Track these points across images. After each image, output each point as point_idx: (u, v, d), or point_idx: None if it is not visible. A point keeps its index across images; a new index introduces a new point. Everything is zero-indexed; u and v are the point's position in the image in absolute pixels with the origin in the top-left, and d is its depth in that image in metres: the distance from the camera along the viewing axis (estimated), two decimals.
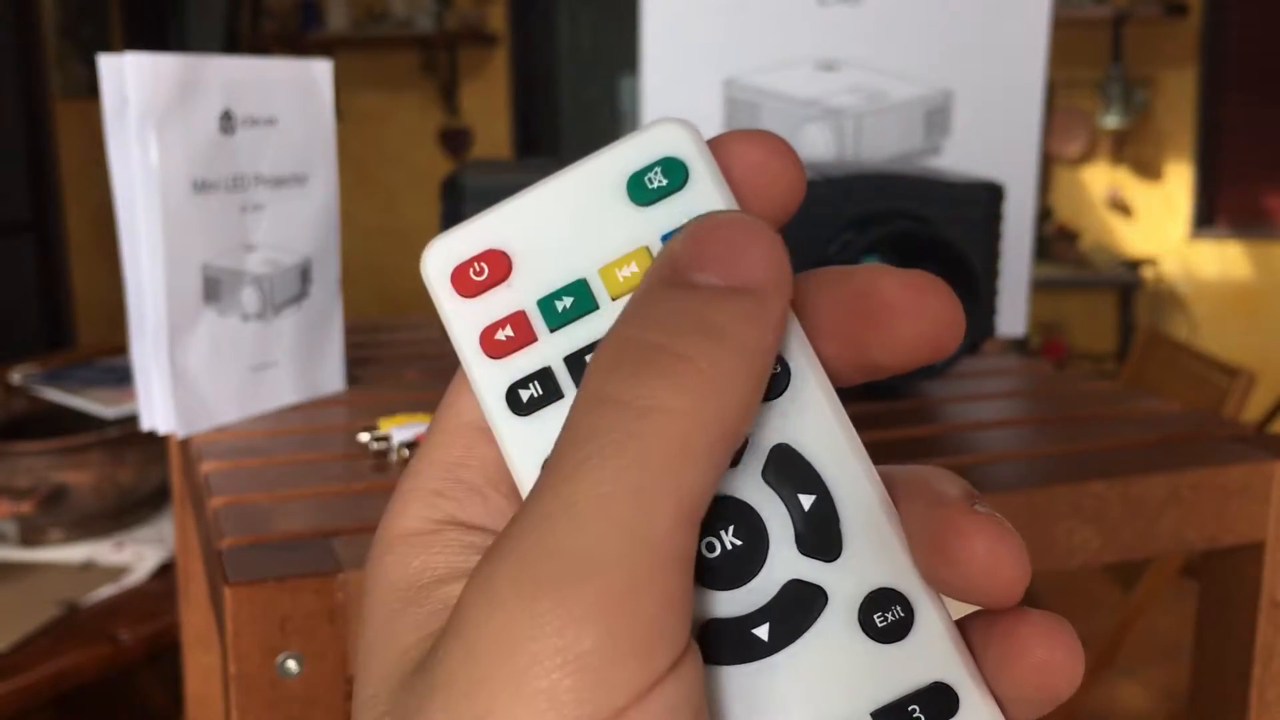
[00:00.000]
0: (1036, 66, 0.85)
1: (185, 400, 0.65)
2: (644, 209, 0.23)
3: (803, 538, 0.22)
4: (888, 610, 0.21)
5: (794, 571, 0.21)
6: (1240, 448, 0.63)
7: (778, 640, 0.21)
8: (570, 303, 0.23)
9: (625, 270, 0.23)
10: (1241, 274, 3.70)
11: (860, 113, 0.84)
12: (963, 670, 0.21)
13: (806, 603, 0.21)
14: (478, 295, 0.23)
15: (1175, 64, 3.68)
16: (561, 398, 0.22)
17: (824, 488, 0.22)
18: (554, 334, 0.23)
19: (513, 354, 0.23)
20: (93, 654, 1.14)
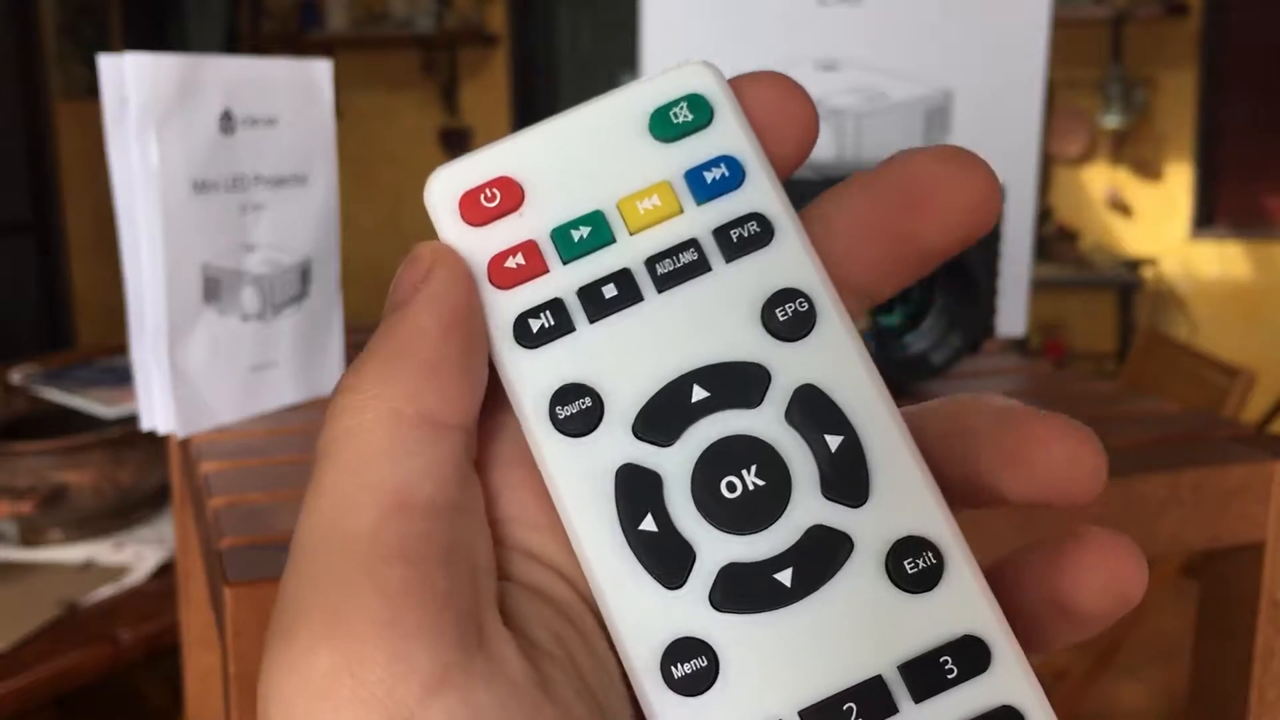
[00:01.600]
0: (1036, 66, 0.85)
1: (185, 400, 0.65)
2: (666, 145, 0.22)
3: (828, 481, 0.21)
4: (918, 557, 0.20)
5: (818, 517, 0.20)
6: (1240, 448, 0.63)
7: (801, 586, 0.20)
8: (587, 233, 0.22)
9: (646, 203, 0.22)
10: (1241, 274, 3.70)
11: (860, 113, 0.84)
12: (995, 623, 0.20)
13: (831, 549, 0.20)
14: (487, 223, 0.22)
15: (1175, 64, 3.67)
16: (573, 331, 0.21)
17: (851, 429, 0.21)
18: (567, 266, 0.22)
19: (522, 284, 0.22)
20: (93, 654, 1.14)
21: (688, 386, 0.21)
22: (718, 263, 0.22)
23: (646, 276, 0.22)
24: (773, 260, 0.22)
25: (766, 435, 0.21)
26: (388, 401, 0.20)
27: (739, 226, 0.22)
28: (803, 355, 0.21)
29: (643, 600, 0.20)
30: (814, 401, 0.21)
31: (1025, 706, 0.20)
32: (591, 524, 0.21)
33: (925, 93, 0.85)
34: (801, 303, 0.21)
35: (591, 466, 0.21)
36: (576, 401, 0.21)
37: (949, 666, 0.20)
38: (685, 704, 0.20)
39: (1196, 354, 2.20)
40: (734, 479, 0.21)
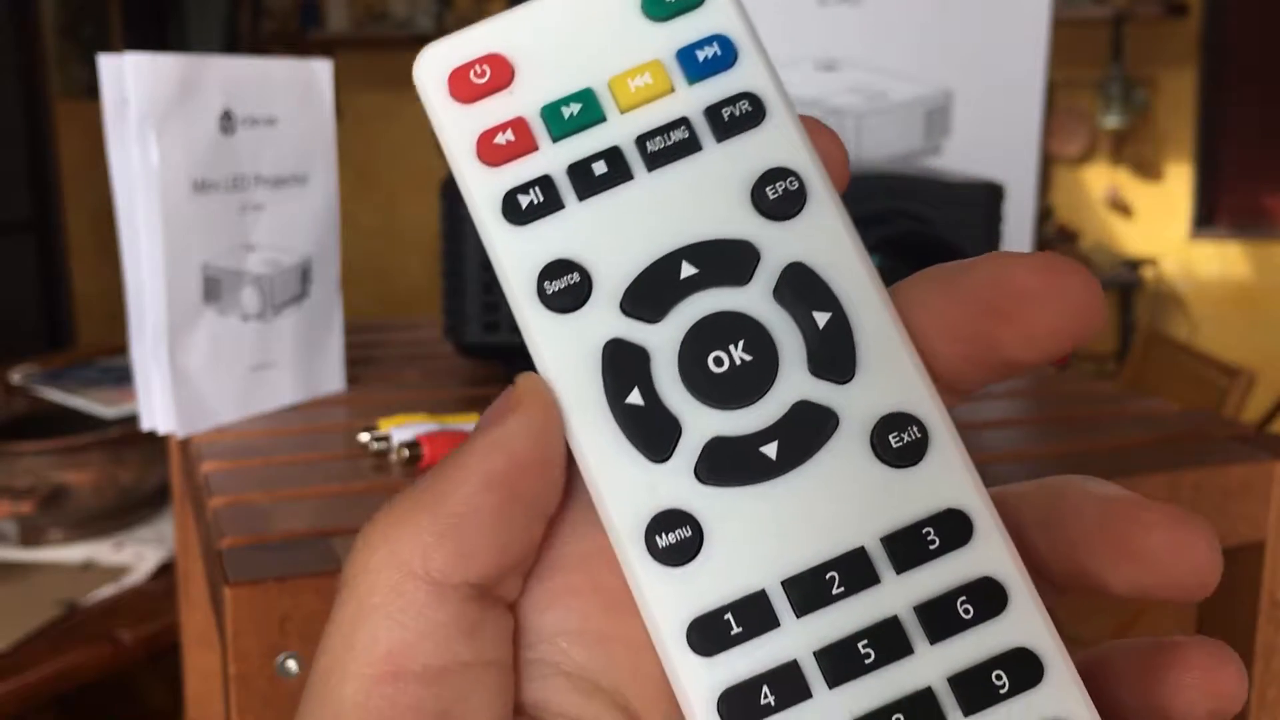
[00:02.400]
0: (1036, 66, 0.85)
1: (185, 400, 0.65)
2: (659, 24, 0.22)
3: (816, 357, 0.21)
4: (903, 432, 0.20)
5: (805, 393, 0.21)
6: (1240, 448, 0.63)
7: (786, 460, 0.20)
8: (577, 110, 0.22)
9: (637, 81, 0.22)
10: (1241, 274, 3.70)
11: (860, 113, 0.84)
12: (977, 497, 0.20)
13: (817, 423, 0.20)
14: (476, 100, 0.22)
15: (1175, 64, 3.67)
16: (562, 208, 0.21)
17: (839, 306, 0.21)
18: (557, 144, 0.22)
19: (512, 161, 0.22)
20: (93, 654, 1.14)
21: (676, 263, 0.21)
22: (708, 142, 0.22)
23: (637, 155, 0.22)
24: (764, 140, 0.22)
25: (755, 312, 0.21)
26: (396, 554, 0.20)
27: (730, 105, 0.22)
28: (792, 234, 0.21)
29: (629, 473, 0.21)
30: (802, 279, 0.21)
31: (1005, 578, 0.20)
32: (578, 399, 0.21)
33: (925, 93, 0.85)
34: (792, 181, 0.21)
35: (579, 342, 0.21)
36: (565, 277, 0.21)
37: (931, 538, 0.20)
38: (669, 574, 0.20)
39: (1196, 354, 2.20)
40: (721, 354, 0.21)
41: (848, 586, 0.20)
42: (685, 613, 0.20)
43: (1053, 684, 0.19)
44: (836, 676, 0.19)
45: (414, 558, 0.19)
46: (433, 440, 0.60)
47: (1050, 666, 0.19)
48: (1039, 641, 0.20)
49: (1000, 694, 0.19)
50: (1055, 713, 0.19)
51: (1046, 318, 0.20)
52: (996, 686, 0.19)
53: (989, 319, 0.20)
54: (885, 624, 0.20)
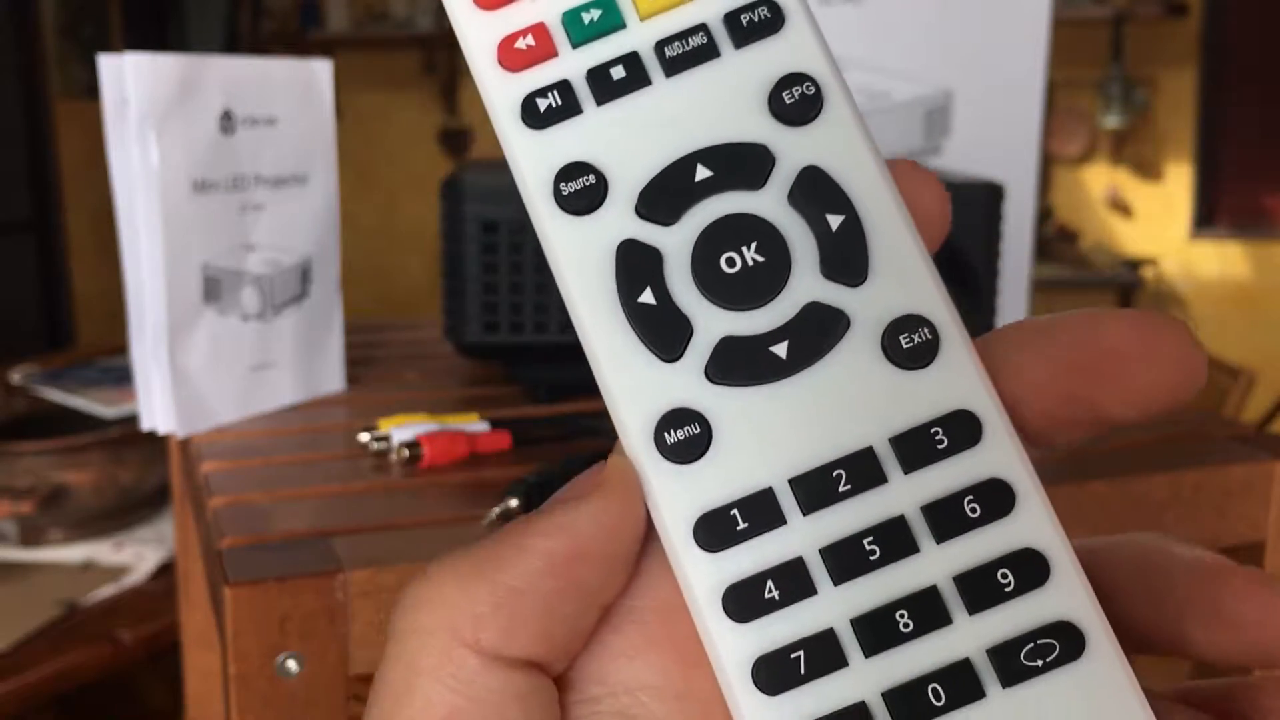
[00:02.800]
0: (1036, 66, 0.85)
1: (185, 400, 0.65)
2: None
3: (828, 259, 0.21)
4: (914, 333, 0.20)
5: (816, 294, 0.21)
6: (1240, 448, 0.63)
7: (796, 360, 0.20)
8: (598, 15, 0.22)
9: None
10: (1241, 274, 3.70)
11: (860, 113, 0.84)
12: (988, 400, 0.20)
13: (828, 325, 0.20)
14: (499, 8, 0.22)
15: (1175, 64, 3.67)
16: (580, 113, 0.21)
17: (852, 209, 0.21)
18: (577, 50, 0.22)
19: (532, 66, 0.22)
20: (93, 654, 1.14)
21: (691, 166, 0.21)
22: (726, 48, 0.22)
23: (655, 60, 0.22)
24: (782, 46, 0.22)
25: (768, 214, 0.21)
26: (449, 619, 0.19)
27: (749, 11, 0.22)
28: (808, 139, 0.21)
29: (640, 372, 0.21)
30: (817, 182, 0.21)
31: (1014, 479, 0.20)
32: (591, 298, 0.21)
33: (925, 93, 0.85)
34: (809, 86, 0.21)
35: (594, 242, 0.21)
36: (580, 179, 0.21)
37: (940, 438, 0.20)
38: (678, 471, 0.20)
39: None
40: (734, 254, 0.21)
41: (854, 485, 0.20)
42: (693, 509, 0.20)
43: (1059, 585, 0.19)
44: (841, 574, 0.19)
45: (465, 626, 0.19)
46: (433, 440, 0.60)
47: (1057, 567, 0.19)
48: (1047, 543, 0.20)
49: (1005, 593, 0.19)
50: (1060, 614, 0.19)
51: (1146, 378, 0.20)
52: (1002, 585, 0.19)
53: (1086, 380, 0.20)
54: (891, 523, 0.20)
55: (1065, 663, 0.19)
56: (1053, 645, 0.19)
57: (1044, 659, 0.19)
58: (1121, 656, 0.19)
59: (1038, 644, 0.19)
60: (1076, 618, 0.19)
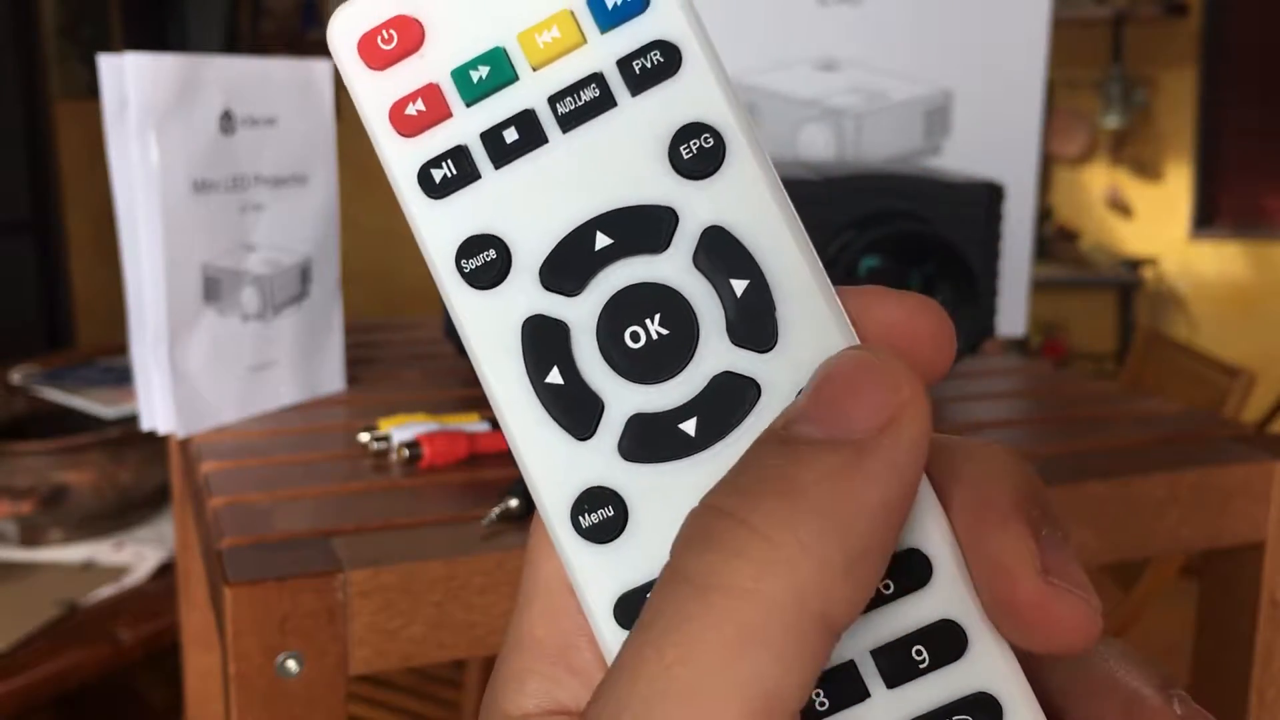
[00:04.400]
0: (1036, 66, 0.85)
1: (185, 400, 0.65)
2: None
3: (735, 327, 0.20)
4: None
5: (725, 364, 0.20)
6: (1240, 448, 0.63)
7: (706, 436, 0.20)
8: (486, 73, 0.21)
9: (546, 36, 0.21)
10: (1241, 274, 3.70)
11: (860, 113, 0.84)
12: None
13: (737, 396, 0.20)
14: (387, 67, 0.21)
15: (1175, 64, 3.67)
16: (478, 178, 0.21)
17: (759, 272, 0.20)
18: (470, 108, 0.21)
19: (425, 130, 0.21)
20: (93, 654, 1.14)
21: (591, 234, 0.21)
22: (623, 97, 0.21)
23: (550, 116, 0.21)
24: (680, 92, 0.21)
25: (673, 281, 0.20)
26: (799, 584, 0.17)
27: (643, 56, 0.21)
28: (710, 194, 0.20)
29: (554, 451, 0.20)
30: (720, 243, 0.20)
31: (932, 553, 0.19)
32: (502, 377, 0.21)
33: (925, 93, 0.85)
34: (708, 138, 0.20)
35: (500, 319, 0.21)
36: (482, 254, 0.21)
37: None
38: (595, 551, 0.20)
39: (1196, 354, 2.20)
40: (638, 329, 0.20)
41: None
42: (613, 589, 0.20)
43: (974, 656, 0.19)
44: None
45: (816, 596, 0.17)
46: (433, 440, 0.60)
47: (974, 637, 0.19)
48: (965, 616, 0.19)
49: (920, 669, 0.19)
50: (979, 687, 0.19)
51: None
52: (917, 663, 0.19)
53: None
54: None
55: None
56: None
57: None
58: None
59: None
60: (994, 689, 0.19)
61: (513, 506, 0.53)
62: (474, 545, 0.51)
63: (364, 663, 0.48)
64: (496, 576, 0.50)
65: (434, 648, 0.49)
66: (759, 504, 0.17)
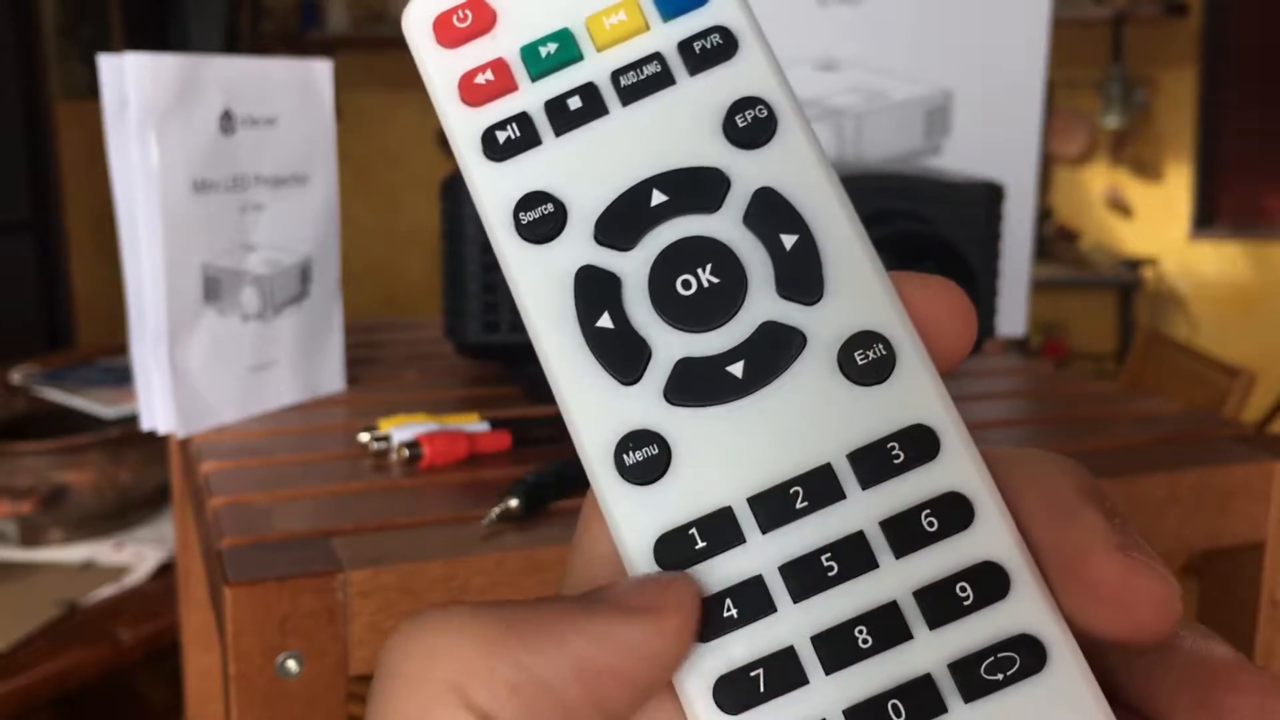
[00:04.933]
0: (1036, 66, 0.85)
1: (185, 400, 0.65)
2: None
3: (783, 279, 0.21)
4: (869, 349, 0.20)
5: (772, 314, 0.21)
6: (1240, 448, 0.63)
7: (752, 379, 0.21)
8: (554, 49, 0.22)
9: (613, 19, 0.22)
10: (1241, 274, 3.70)
11: (860, 113, 0.84)
12: (945, 414, 0.20)
13: (784, 343, 0.21)
14: (460, 45, 0.23)
15: (1175, 64, 3.67)
16: (539, 144, 0.22)
17: (806, 228, 0.21)
18: (536, 83, 0.22)
19: (492, 100, 0.22)
20: (93, 654, 1.14)
21: (647, 191, 0.21)
22: (681, 75, 0.22)
23: (611, 90, 0.22)
24: (736, 72, 0.22)
25: (724, 237, 0.21)
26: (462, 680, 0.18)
27: (702, 39, 0.22)
28: (762, 161, 0.21)
29: (600, 396, 0.21)
30: (771, 202, 0.21)
31: (972, 492, 0.20)
32: (551, 324, 0.21)
33: (925, 93, 0.85)
34: (761, 109, 0.22)
35: (553, 270, 0.21)
36: (540, 208, 0.21)
37: (896, 453, 0.20)
38: (636, 492, 0.20)
39: (1196, 354, 2.20)
40: (689, 277, 0.21)
41: (812, 502, 0.20)
42: (652, 530, 0.20)
43: (1019, 598, 0.19)
44: (800, 591, 0.19)
45: (479, 695, 0.18)
46: (433, 440, 0.60)
47: (1017, 581, 0.19)
48: (1006, 556, 0.19)
49: (965, 607, 0.19)
50: (1020, 627, 0.19)
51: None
52: (961, 599, 0.19)
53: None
54: (850, 539, 0.20)
55: (1026, 676, 0.19)
56: (1013, 659, 0.19)
57: (1005, 672, 0.19)
58: (1086, 669, 0.19)
59: (998, 657, 0.19)
60: (1038, 630, 0.19)
61: (513, 506, 0.53)
62: (474, 545, 0.51)
63: (364, 663, 0.48)
64: (496, 576, 0.50)
65: None
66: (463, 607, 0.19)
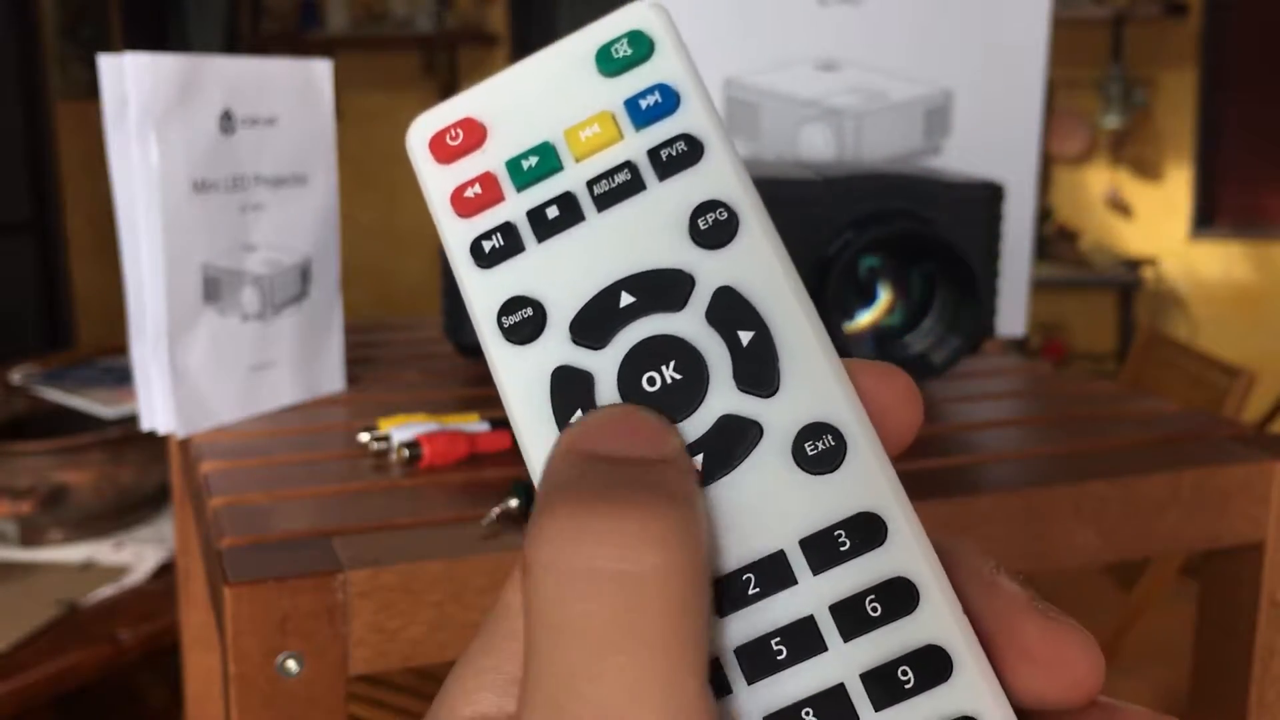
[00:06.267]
0: (1036, 66, 0.85)
1: (185, 400, 0.65)
2: (610, 79, 0.24)
3: (741, 373, 0.22)
4: (819, 439, 0.22)
5: (731, 407, 0.22)
6: (1240, 448, 0.63)
7: (711, 472, 0.22)
8: (535, 161, 0.24)
9: (588, 132, 0.24)
10: (1241, 274, 3.70)
11: (860, 113, 0.84)
12: (892, 499, 0.21)
13: (741, 434, 0.22)
14: (453, 161, 0.25)
15: (1175, 64, 3.67)
16: (523, 250, 0.24)
17: (763, 324, 0.22)
18: (520, 193, 0.24)
19: (481, 211, 0.24)
20: (93, 654, 1.14)
21: (617, 293, 0.23)
22: (651, 181, 0.24)
23: (588, 197, 0.24)
24: (701, 176, 0.24)
25: (688, 334, 0.23)
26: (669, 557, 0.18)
27: (669, 146, 0.24)
28: (724, 261, 0.23)
29: None
30: (730, 301, 0.23)
31: (917, 577, 0.21)
32: (531, 422, 0.23)
33: (925, 93, 0.85)
34: (722, 212, 0.23)
35: (533, 370, 0.23)
36: (520, 312, 0.23)
37: (843, 540, 0.21)
38: None
39: (1196, 354, 2.20)
40: (654, 374, 0.22)
41: (764, 587, 0.21)
42: None
43: (963, 680, 0.20)
44: (753, 674, 0.20)
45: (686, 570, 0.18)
46: (433, 440, 0.60)
47: (960, 663, 0.20)
48: (950, 639, 0.20)
49: (907, 690, 0.20)
50: (964, 710, 0.20)
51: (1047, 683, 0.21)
52: (903, 682, 0.20)
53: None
54: (800, 623, 0.21)
55: None
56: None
57: None
58: None
59: None
60: (977, 710, 0.20)
61: (513, 506, 0.53)
62: (474, 545, 0.51)
63: (364, 663, 0.48)
64: (496, 576, 0.50)
65: (434, 648, 0.49)
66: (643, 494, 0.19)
